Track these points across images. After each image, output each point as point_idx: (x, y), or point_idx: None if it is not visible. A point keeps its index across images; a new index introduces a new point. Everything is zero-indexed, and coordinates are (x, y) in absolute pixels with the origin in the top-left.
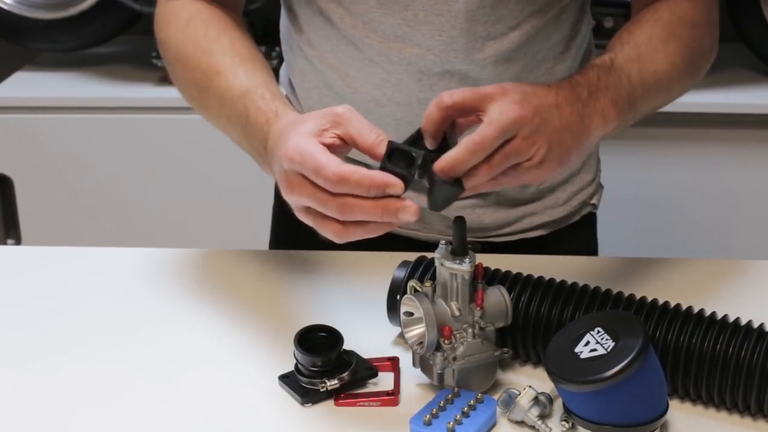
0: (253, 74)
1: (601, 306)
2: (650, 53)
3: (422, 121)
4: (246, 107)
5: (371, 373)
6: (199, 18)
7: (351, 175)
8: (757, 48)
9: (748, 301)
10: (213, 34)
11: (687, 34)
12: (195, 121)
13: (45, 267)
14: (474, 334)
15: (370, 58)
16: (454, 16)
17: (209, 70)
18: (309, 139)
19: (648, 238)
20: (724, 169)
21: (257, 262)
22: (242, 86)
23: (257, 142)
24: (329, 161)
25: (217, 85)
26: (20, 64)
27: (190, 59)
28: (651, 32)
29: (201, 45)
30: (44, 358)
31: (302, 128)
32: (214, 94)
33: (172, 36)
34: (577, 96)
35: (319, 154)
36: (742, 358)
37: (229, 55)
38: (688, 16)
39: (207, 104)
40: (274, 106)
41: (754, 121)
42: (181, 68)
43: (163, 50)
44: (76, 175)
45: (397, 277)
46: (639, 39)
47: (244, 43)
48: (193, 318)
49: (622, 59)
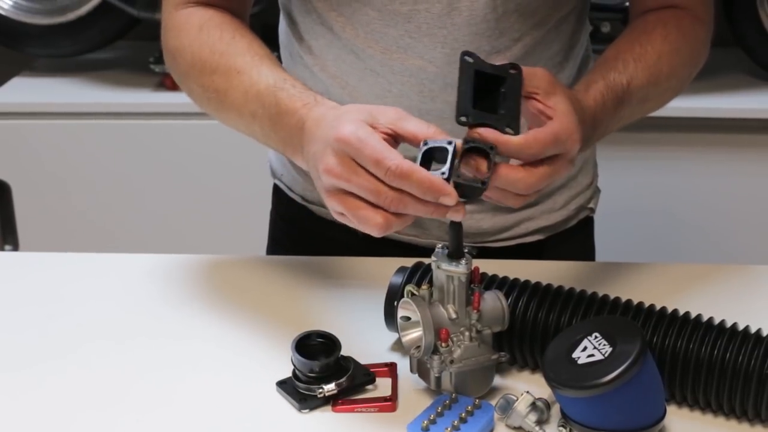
0: (276, 70)
1: (599, 311)
2: (657, 74)
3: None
4: (276, 96)
5: (369, 378)
6: (212, 23)
7: (413, 174)
8: (753, 52)
9: (746, 306)
10: (228, 36)
11: (689, 54)
12: (193, 127)
13: (43, 272)
14: (471, 337)
15: (372, 68)
16: (457, 29)
17: (230, 71)
18: (368, 128)
19: (645, 242)
20: (720, 173)
21: (255, 268)
22: (268, 81)
23: (290, 128)
24: (392, 154)
25: (239, 83)
26: (18, 70)
27: (208, 62)
28: (661, 50)
29: (218, 47)
30: (42, 362)
31: (356, 116)
32: (236, 93)
33: (186, 44)
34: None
35: (380, 145)
36: (739, 364)
37: (248, 55)
38: (693, 32)
39: (226, 104)
40: (311, 94)
41: (751, 126)
42: (197, 73)
43: (177, 58)
44: (73, 181)
45: (394, 283)
46: (650, 58)
47: (260, 45)
48: (190, 323)
49: (635, 86)
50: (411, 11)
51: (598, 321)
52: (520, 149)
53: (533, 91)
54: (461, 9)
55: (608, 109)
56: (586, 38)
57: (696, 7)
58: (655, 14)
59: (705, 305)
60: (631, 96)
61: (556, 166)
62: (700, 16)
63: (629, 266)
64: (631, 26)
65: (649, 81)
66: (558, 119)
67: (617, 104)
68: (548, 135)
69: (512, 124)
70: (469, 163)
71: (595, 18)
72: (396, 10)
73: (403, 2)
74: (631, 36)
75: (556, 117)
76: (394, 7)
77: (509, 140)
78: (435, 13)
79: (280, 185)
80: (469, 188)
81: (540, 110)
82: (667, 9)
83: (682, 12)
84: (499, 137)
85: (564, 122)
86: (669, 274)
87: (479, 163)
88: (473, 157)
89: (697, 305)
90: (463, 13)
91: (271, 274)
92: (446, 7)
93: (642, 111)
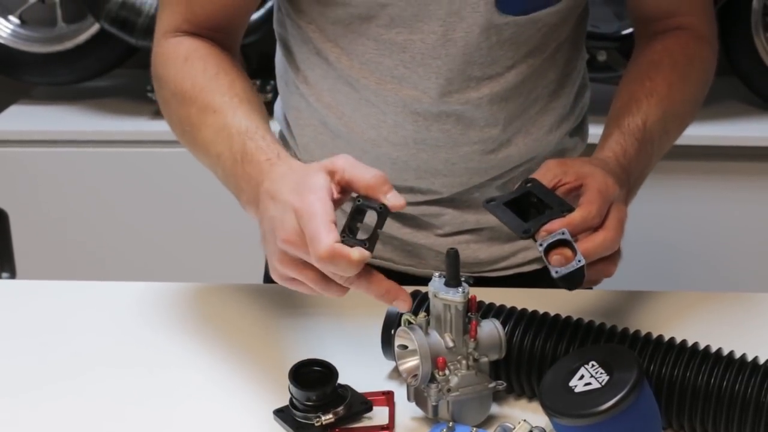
0: (252, 116)
1: (596, 340)
2: (672, 104)
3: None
4: (244, 144)
5: (366, 407)
6: (197, 54)
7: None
8: (749, 80)
9: (743, 334)
10: (212, 71)
11: (697, 77)
12: (189, 155)
13: (39, 301)
14: (468, 365)
15: (367, 99)
16: (451, 59)
17: (206, 108)
18: (323, 201)
19: (642, 270)
20: (717, 200)
21: (252, 297)
22: (241, 126)
23: (249, 178)
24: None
25: (213, 122)
26: (16, 98)
27: (188, 94)
28: (671, 79)
29: (199, 81)
30: (37, 390)
31: (316, 182)
32: (208, 130)
33: (171, 73)
34: (626, 173)
35: (322, 225)
36: (736, 392)
37: (228, 95)
38: (699, 54)
39: (197, 139)
40: (275, 149)
41: (748, 154)
42: (177, 103)
43: (160, 87)
44: (71, 209)
45: (391, 312)
46: (661, 90)
47: (242, 85)
48: (187, 352)
49: (651, 123)
50: (406, 41)
51: (595, 349)
52: (586, 219)
53: (555, 182)
54: (456, 39)
55: (631, 154)
56: (583, 66)
57: (699, 26)
58: (661, 42)
59: (702, 333)
60: (651, 133)
61: (617, 212)
62: (703, 35)
63: (626, 294)
64: (637, 57)
65: (666, 113)
66: (587, 180)
67: (639, 146)
68: (594, 194)
69: (565, 208)
70: (556, 257)
71: (591, 47)
72: (391, 39)
73: (398, 32)
74: (639, 70)
75: (584, 180)
76: (389, 37)
77: (572, 218)
78: (430, 43)
79: None
80: (572, 274)
81: (568, 189)
82: (671, 33)
83: (686, 34)
84: (563, 222)
85: (594, 177)
86: (666, 301)
87: (564, 252)
88: (556, 251)
89: (694, 333)
90: (458, 44)
91: (267, 302)
92: (441, 38)
93: (669, 141)
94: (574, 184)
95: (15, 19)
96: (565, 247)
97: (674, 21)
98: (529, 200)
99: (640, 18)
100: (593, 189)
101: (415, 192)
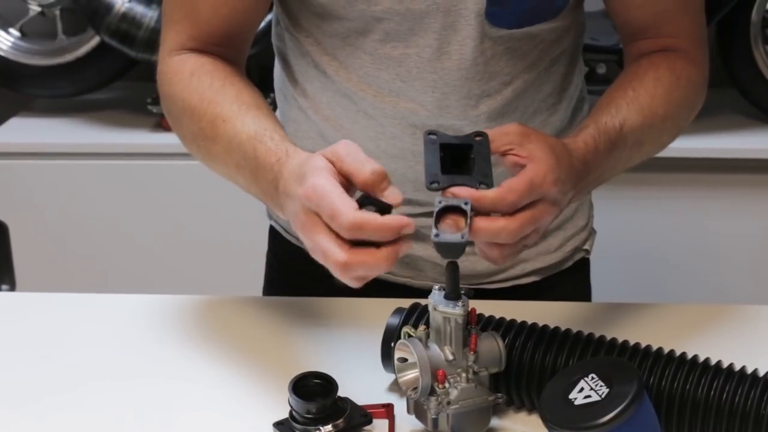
0: (261, 119)
1: (595, 352)
2: (652, 116)
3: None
4: (255, 149)
5: (366, 419)
6: (203, 69)
7: (367, 223)
8: (748, 92)
9: (742, 346)
10: (218, 84)
11: (683, 95)
12: (190, 167)
13: (39, 313)
14: (468, 378)
15: (365, 111)
16: (447, 73)
17: (216, 119)
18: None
19: (641, 282)
20: (716, 213)
21: (251, 309)
22: (250, 131)
23: (267, 183)
24: (345, 208)
25: (224, 132)
26: (16, 110)
27: (197, 110)
28: (654, 92)
29: (206, 95)
30: (37, 402)
31: (320, 163)
32: (221, 141)
33: (178, 90)
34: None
35: (338, 199)
36: (735, 404)
37: (236, 104)
38: (686, 73)
39: (214, 152)
40: (284, 146)
41: (747, 166)
42: (188, 120)
43: (169, 105)
44: (71, 221)
45: (391, 324)
46: (643, 100)
47: (250, 93)
48: (187, 364)
49: (628, 128)
50: (402, 55)
51: (595, 362)
52: (496, 201)
53: (508, 147)
54: (451, 53)
55: (600, 153)
56: (581, 80)
57: (690, 50)
58: (648, 58)
59: (701, 346)
60: (625, 138)
61: (537, 211)
62: (693, 58)
63: (625, 307)
64: (624, 72)
65: (644, 123)
66: (531, 165)
67: (610, 147)
68: (522, 182)
69: (485, 181)
70: (447, 222)
71: (590, 59)
72: (387, 54)
73: (394, 46)
74: (624, 81)
75: (530, 163)
76: (385, 51)
77: (484, 194)
78: (425, 57)
79: (275, 226)
80: (450, 245)
81: (515, 162)
82: (660, 53)
83: (675, 55)
84: (472, 192)
85: (537, 166)
86: (665, 314)
87: (457, 220)
88: (450, 216)
89: (694, 346)
90: (453, 57)
91: (267, 315)
92: (436, 52)
93: (640, 154)
94: (521, 161)
95: (15, 32)
96: (461, 216)
97: (661, 41)
98: (467, 153)
99: (626, 32)
100: (526, 177)
101: (413, 204)
